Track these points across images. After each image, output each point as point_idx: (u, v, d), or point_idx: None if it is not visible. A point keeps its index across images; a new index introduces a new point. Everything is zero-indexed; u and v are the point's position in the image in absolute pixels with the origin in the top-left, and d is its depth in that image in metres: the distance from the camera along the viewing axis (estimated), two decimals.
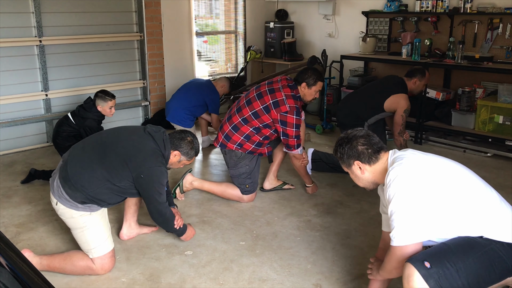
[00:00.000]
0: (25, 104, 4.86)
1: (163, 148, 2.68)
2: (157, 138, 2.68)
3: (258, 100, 3.48)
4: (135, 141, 2.67)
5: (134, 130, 2.79)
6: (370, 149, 2.12)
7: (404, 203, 1.92)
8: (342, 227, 3.26)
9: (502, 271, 1.91)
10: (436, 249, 1.91)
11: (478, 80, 5.07)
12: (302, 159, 3.65)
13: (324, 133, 5.58)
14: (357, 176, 2.22)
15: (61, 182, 2.58)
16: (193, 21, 6.06)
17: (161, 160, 2.66)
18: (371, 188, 2.24)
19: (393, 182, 1.96)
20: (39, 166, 4.32)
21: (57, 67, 5.01)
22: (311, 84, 3.50)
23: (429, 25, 5.39)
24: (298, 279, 2.63)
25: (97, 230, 2.64)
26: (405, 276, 1.86)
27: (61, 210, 2.61)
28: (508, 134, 4.58)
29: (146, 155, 2.61)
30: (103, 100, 4.14)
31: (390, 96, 4.12)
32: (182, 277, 2.65)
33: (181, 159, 2.80)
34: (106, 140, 2.71)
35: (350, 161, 2.17)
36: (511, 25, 4.81)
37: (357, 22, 6.04)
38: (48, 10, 4.83)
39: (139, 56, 5.62)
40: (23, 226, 3.26)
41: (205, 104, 4.90)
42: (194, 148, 2.82)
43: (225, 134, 3.55)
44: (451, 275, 1.81)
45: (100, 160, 2.59)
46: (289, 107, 3.39)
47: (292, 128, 3.42)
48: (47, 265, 2.65)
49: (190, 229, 3.00)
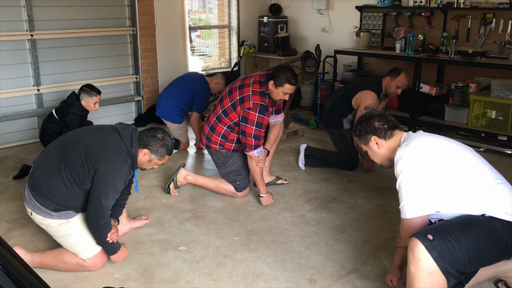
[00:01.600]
0: (16, 99, 4.81)
1: (129, 145, 2.47)
2: (124, 134, 2.49)
3: (228, 97, 3.37)
4: (98, 137, 2.49)
5: (100, 128, 2.62)
6: (386, 125, 2.31)
7: (411, 178, 2.07)
8: (336, 222, 3.26)
9: (502, 248, 2.01)
10: (439, 225, 2.04)
11: (471, 75, 5.08)
12: (257, 161, 3.39)
13: (317, 128, 5.58)
14: (374, 152, 2.35)
15: (31, 191, 2.46)
16: (186, 15, 6.02)
17: (124, 158, 2.44)
18: (387, 165, 2.36)
19: (400, 160, 2.12)
20: (31, 161, 4.28)
21: (49, 62, 4.97)
22: (278, 84, 3.25)
23: (422, 20, 5.39)
24: (292, 274, 2.63)
25: (80, 235, 2.55)
26: (410, 248, 1.96)
27: (37, 220, 2.53)
28: (500, 129, 4.60)
29: (107, 151, 2.41)
30: (88, 94, 4.07)
31: (358, 93, 4.03)
32: (176, 273, 2.65)
33: (152, 158, 2.58)
34: (69, 141, 2.53)
35: (368, 136, 2.33)
36: (504, 20, 4.82)
37: (351, 16, 6.03)
38: (40, 4, 4.78)
39: (131, 50, 5.58)
40: (15, 222, 3.23)
41: (192, 100, 4.69)
42: (165, 146, 2.58)
43: (206, 135, 3.51)
44: (452, 247, 1.92)
45: (63, 163, 2.43)
46: (253, 103, 3.23)
47: (252, 126, 3.22)
48: (39, 262, 2.62)
49: (123, 249, 2.67)
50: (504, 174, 2.24)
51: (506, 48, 4.84)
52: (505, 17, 4.81)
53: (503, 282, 2.44)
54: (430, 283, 1.92)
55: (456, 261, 1.92)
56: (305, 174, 4.14)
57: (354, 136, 2.44)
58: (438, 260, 1.89)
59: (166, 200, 3.60)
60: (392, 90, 4.08)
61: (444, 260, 1.90)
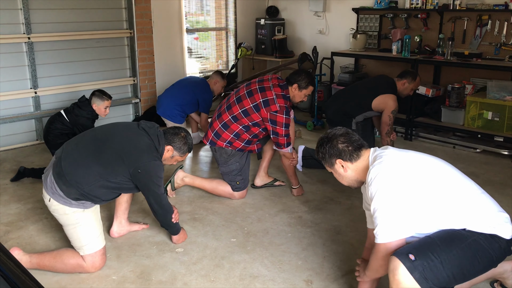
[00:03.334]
0: (14, 101, 4.81)
1: (157, 143, 2.70)
2: (152, 133, 2.71)
3: (248, 98, 3.46)
4: (130, 137, 2.69)
5: (128, 126, 2.80)
6: (351, 147, 2.15)
7: (386, 200, 1.94)
8: (333, 223, 3.27)
9: (486, 262, 1.96)
10: (421, 242, 1.94)
11: (468, 76, 5.11)
12: (291, 158, 3.62)
13: (315, 129, 5.59)
14: (340, 175, 2.22)
15: (55, 178, 2.57)
16: (183, 17, 6.04)
17: (156, 155, 2.69)
18: (356, 186, 2.25)
19: (374, 180, 1.99)
20: (28, 164, 4.29)
21: (46, 65, 4.97)
22: (302, 87, 3.51)
23: (419, 22, 5.41)
24: (289, 275, 2.64)
25: (89, 227, 2.63)
26: (391, 269, 1.88)
27: (54, 207, 2.60)
28: (496, 130, 4.62)
29: (142, 151, 2.63)
30: (100, 99, 4.15)
31: (378, 96, 4.09)
32: (173, 274, 2.65)
33: (174, 154, 2.81)
34: (101, 137, 2.72)
35: (332, 160, 2.18)
36: (499, 21, 4.85)
37: (348, 19, 6.05)
38: (37, 7, 4.78)
39: (129, 53, 5.59)
40: (13, 224, 3.24)
41: (197, 102, 4.89)
42: (187, 144, 2.83)
43: (215, 132, 3.54)
44: (435, 266, 1.84)
45: (95, 156, 2.59)
46: (279, 106, 3.39)
47: (282, 127, 3.42)
48: (37, 263, 2.63)
49: (183, 232, 3.01)
50: (501, 175, 2.25)
51: (502, 49, 4.87)
52: (500, 19, 4.83)
53: (499, 282, 2.45)
54: None
55: (440, 280, 1.85)
56: (302, 175, 4.15)
57: (318, 158, 2.26)
58: (420, 281, 1.82)
59: None
60: (407, 92, 4.25)
61: (428, 281, 1.83)
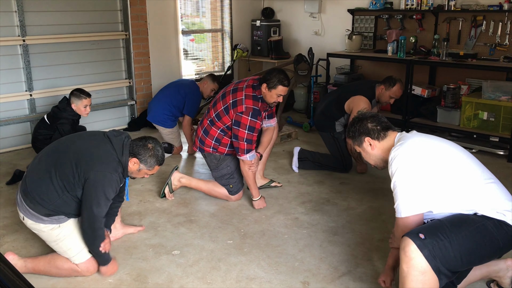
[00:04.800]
0: (9, 104, 4.79)
1: (120, 153, 2.46)
2: (115, 142, 2.49)
3: (221, 101, 3.40)
4: (89, 145, 2.50)
5: (93, 134, 2.62)
6: (379, 126, 2.33)
7: (405, 177, 2.08)
8: (330, 224, 3.27)
9: (493, 247, 2.04)
10: (431, 224, 2.06)
11: (463, 77, 5.12)
12: (250, 165, 3.41)
13: (311, 131, 5.59)
14: (368, 153, 2.37)
15: (23, 196, 2.48)
16: (179, 19, 6.03)
17: (114, 167, 2.44)
18: (381, 166, 2.38)
19: (394, 160, 2.14)
20: (23, 167, 4.26)
21: (42, 67, 4.95)
22: (271, 87, 3.28)
23: (414, 23, 5.42)
24: (286, 277, 2.63)
25: (71, 241, 2.55)
26: (402, 247, 1.98)
27: (29, 225, 2.54)
28: (492, 130, 4.63)
29: (97, 158, 2.42)
30: (78, 98, 4.05)
31: (350, 97, 4.01)
32: (170, 277, 2.64)
33: (140, 167, 2.54)
34: (61, 147, 2.54)
35: (361, 137, 2.34)
36: (494, 22, 4.86)
37: (343, 20, 6.06)
38: (31, 9, 4.77)
39: (124, 55, 5.58)
40: (8, 227, 3.22)
41: (183, 106, 4.67)
42: (154, 156, 2.54)
43: (199, 138, 3.53)
44: (444, 246, 1.94)
45: (54, 169, 2.43)
46: (246, 107, 3.26)
47: (244, 130, 3.25)
48: (32, 268, 2.61)
49: (114, 263, 2.64)
50: (497, 175, 2.25)
51: (496, 50, 4.89)
52: (495, 19, 4.85)
53: (495, 282, 2.46)
54: (422, 282, 1.94)
55: (448, 260, 1.93)
56: (299, 176, 4.15)
57: (348, 137, 2.45)
58: (429, 258, 1.91)
59: (159, 204, 3.59)
60: (385, 99, 4.06)
61: (436, 259, 1.92)
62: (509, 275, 2.37)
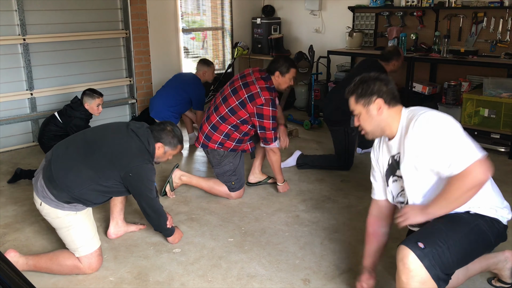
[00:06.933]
0: (10, 103, 4.80)
1: (147, 144, 2.66)
2: (141, 134, 2.67)
3: (234, 96, 3.45)
4: (120, 139, 2.66)
5: (118, 128, 2.76)
6: (394, 93, 2.11)
7: (452, 133, 1.94)
8: (330, 222, 3.27)
9: (485, 245, 2.01)
10: (427, 230, 1.96)
11: (464, 73, 5.11)
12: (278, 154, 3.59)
13: (312, 128, 5.59)
14: (371, 116, 2.12)
15: (45, 183, 2.55)
16: (179, 17, 6.03)
17: (147, 158, 2.66)
18: (377, 135, 2.18)
19: (429, 123, 1.95)
20: (25, 165, 4.27)
21: (42, 66, 4.96)
22: (284, 72, 3.48)
23: (414, 20, 5.41)
24: (287, 275, 2.64)
25: (82, 229, 2.62)
26: (400, 258, 1.88)
27: (46, 210, 2.59)
28: (493, 127, 4.62)
29: (133, 154, 2.61)
30: (91, 97, 4.14)
31: None
32: (171, 275, 2.65)
33: (166, 150, 2.77)
34: (90, 139, 2.69)
35: (372, 97, 2.09)
36: (495, 18, 4.85)
37: (344, 17, 6.04)
38: (32, 8, 4.77)
39: (125, 53, 5.58)
40: (9, 226, 3.23)
41: (190, 101, 4.80)
42: (176, 136, 2.78)
43: (205, 134, 3.54)
44: (443, 252, 1.87)
45: (85, 160, 2.58)
46: (265, 99, 3.37)
47: (269, 120, 3.40)
48: (34, 265, 2.63)
49: (178, 231, 2.99)
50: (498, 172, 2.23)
51: (497, 46, 4.87)
52: (496, 16, 4.84)
53: (496, 278, 2.46)
54: None
55: (447, 266, 1.88)
56: (299, 174, 4.15)
57: (352, 94, 2.16)
58: (430, 268, 1.83)
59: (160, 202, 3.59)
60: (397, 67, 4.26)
61: (436, 268, 1.84)
62: (508, 267, 2.37)
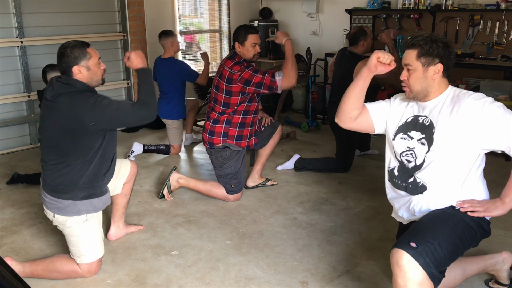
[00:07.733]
0: (7, 106, 4.80)
1: (67, 79, 2.48)
2: (57, 86, 2.48)
3: (219, 93, 3.48)
4: (48, 112, 2.48)
5: (44, 106, 2.54)
6: (452, 66, 2.09)
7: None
8: (328, 224, 3.27)
9: (471, 239, 2.04)
10: (415, 230, 1.98)
11: (461, 76, 5.13)
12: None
13: (309, 131, 5.60)
14: (425, 77, 2.07)
15: (52, 194, 2.51)
16: (177, 20, 6.03)
17: (78, 90, 2.48)
18: (419, 98, 2.13)
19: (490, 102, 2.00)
20: (22, 168, 4.27)
21: (40, 68, 4.93)
22: (242, 41, 3.42)
23: (411, 22, 5.43)
24: (285, 277, 2.64)
25: (91, 237, 2.59)
26: (395, 261, 1.87)
27: (60, 221, 2.55)
28: None
29: (71, 102, 2.44)
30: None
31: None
32: (168, 278, 2.65)
33: (86, 64, 2.54)
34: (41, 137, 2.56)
35: (437, 59, 2.04)
36: (491, 21, 4.88)
37: (341, 19, 6.07)
38: (29, 11, 4.78)
39: (122, 56, 5.57)
40: (6, 229, 3.22)
41: (184, 81, 4.70)
42: (73, 51, 2.52)
43: (209, 132, 3.55)
44: (435, 249, 1.88)
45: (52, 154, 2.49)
46: (239, 70, 3.36)
47: (256, 74, 3.34)
48: (30, 272, 2.60)
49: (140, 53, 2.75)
50: (495, 174, 2.26)
51: (494, 49, 4.90)
52: (492, 19, 4.86)
53: (494, 280, 2.46)
54: None
55: (439, 263, 1.88)
56: (297, 176, 4.16)
57: (417, 48, 2.05)
58: (425, 266, 1.83)
59: (158, 205, 3.59)
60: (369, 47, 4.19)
61: (430, 265, 1.85)
62: (506, 268, 2.38)
